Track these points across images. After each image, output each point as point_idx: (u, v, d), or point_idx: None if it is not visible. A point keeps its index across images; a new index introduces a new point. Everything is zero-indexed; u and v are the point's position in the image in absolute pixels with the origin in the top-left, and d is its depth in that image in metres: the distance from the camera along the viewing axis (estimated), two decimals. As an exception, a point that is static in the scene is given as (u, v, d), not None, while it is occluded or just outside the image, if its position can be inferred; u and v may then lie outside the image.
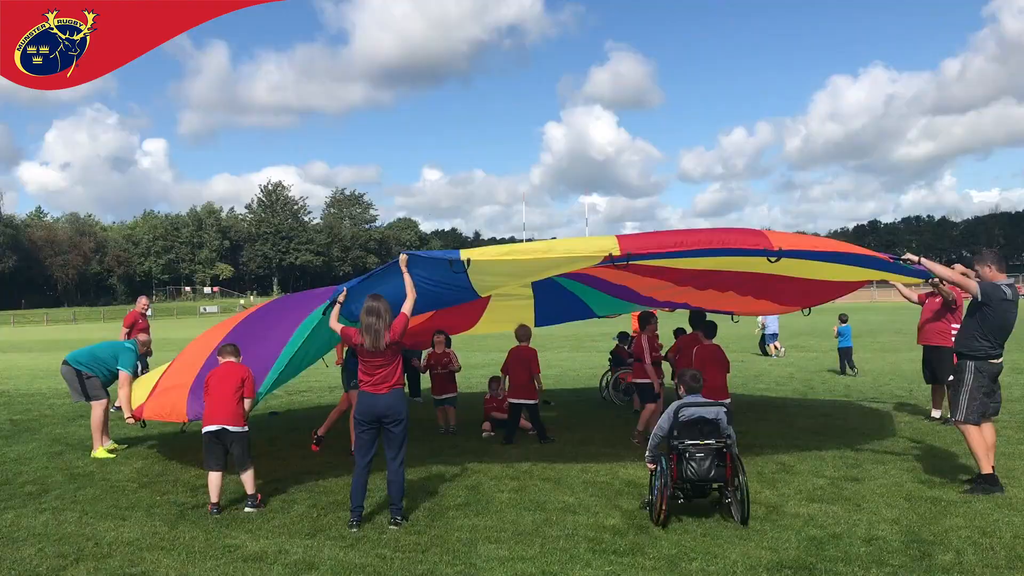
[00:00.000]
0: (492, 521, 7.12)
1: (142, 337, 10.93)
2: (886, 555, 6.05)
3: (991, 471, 7.64)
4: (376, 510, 7.49)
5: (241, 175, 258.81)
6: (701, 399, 7.36)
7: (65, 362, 10.50)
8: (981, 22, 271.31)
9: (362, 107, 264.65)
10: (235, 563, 6.17)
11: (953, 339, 10.22)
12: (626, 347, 14.15)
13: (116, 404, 10.57)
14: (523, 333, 11.22)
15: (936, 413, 11.38)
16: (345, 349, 10.26)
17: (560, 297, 12.26)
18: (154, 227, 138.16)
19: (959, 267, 8.08)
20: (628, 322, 16.96)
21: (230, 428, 7.62)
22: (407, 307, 7.25)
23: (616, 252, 7.35)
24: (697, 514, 7.17)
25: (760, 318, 21.32)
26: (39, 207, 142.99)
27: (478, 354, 23.83)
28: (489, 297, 11.17)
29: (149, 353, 11.31)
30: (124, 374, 10.18)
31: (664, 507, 6.80)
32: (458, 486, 8.37)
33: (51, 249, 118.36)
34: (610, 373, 14.54)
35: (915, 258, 7.98)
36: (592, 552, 6.26)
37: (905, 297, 11.97)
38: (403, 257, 7.55)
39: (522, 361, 10.86)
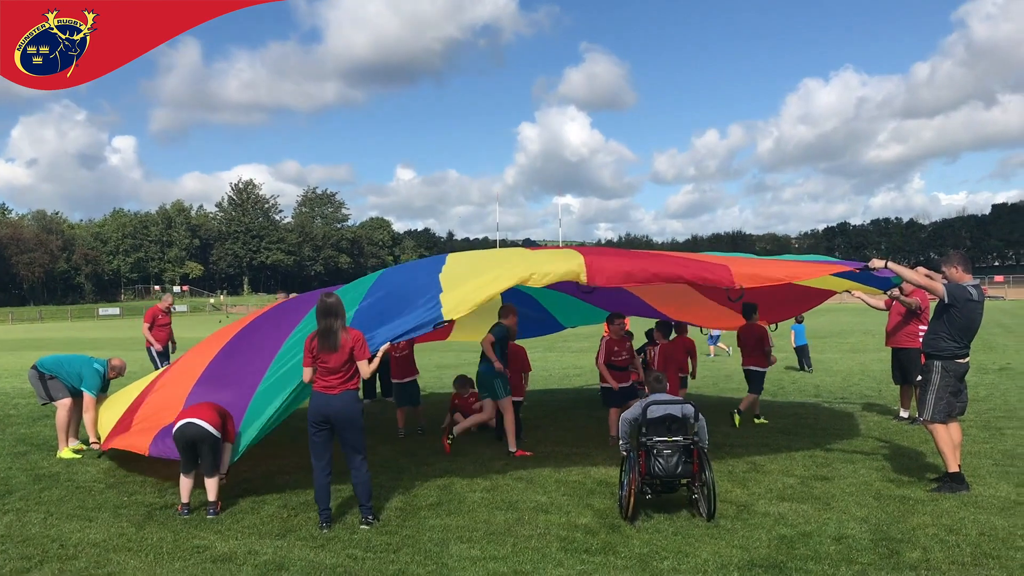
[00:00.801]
0: (464, 521, 7.10)
1: (115, 361, 10.65)
2: (855, 553, 6.10)
3: (958, 470, 7.73)
4: (346, 510, 7.45)
5: (212, 173, 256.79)
6: (669, 397, 7.50)
7: (33, 366, 10.35)
8: (951, 26, 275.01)
9: (335, 106, 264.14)
10: (204, 564, 6.10)
11: (921, 340, 10.48)
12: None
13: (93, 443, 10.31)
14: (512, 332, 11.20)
15: (904, 413, 11.50)
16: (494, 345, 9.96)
17: (530, 310, 12.31)
18: (123, 225, 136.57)
19: (922, 270, 8.16)
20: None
21: (205, 427, 7.45)
22: (371, 366, 7.11)
23: (583, 280, 7.67)
24: (669, 513, 7.20)
25: None
26: (3, 204, 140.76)
27: (449, 355, 23.78)
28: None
29: (121, 375, 10.92)
30: (88, 397, 10.07)
31: (632, 501, 6.91)
32: (430, 486, 8.34)
33: (16, 247, 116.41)
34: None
35: (881, 262, 8.02)
36: (564, 551, 6.25)
37: (871, 305, 12.12)
38: (386, 346, 7.44)
39: (512, 359, 10.72)
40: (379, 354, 7.33)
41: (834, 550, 6.17)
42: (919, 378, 8.25)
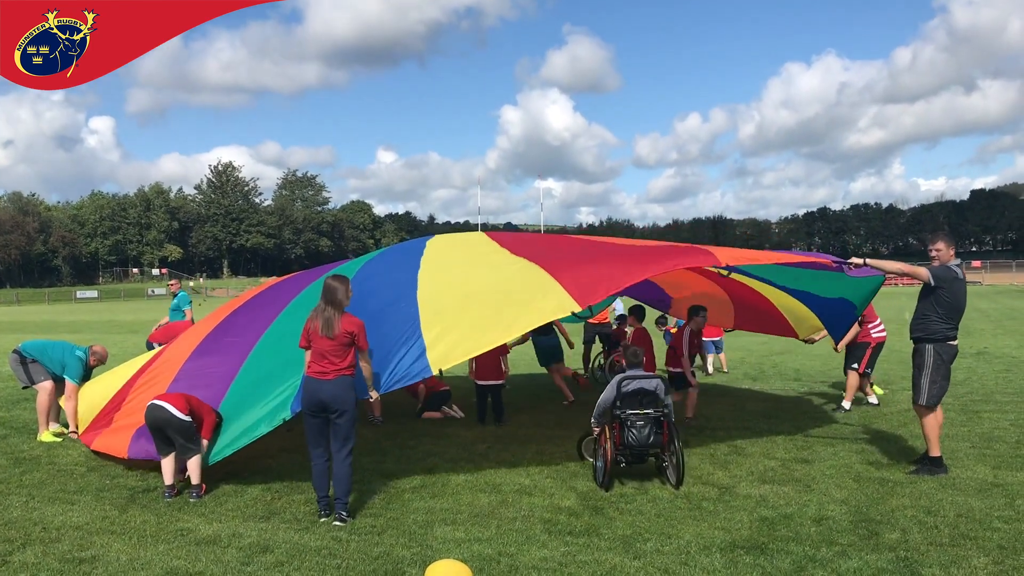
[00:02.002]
0: (448, 503, 7.12)
1: (96, 348, 10.53)
2: (835, 534, 6.18)
3: (939, 455, 7.82)
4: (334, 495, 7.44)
5: (191, 155, 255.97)
6: (641, 372, 7.91)
7: (15, 350, 10.25)
8: (932, 12, 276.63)
9: (316, 87, 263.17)
10: (188, 547, 6.09)
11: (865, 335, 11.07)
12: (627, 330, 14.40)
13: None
14: None
15: (847, 404, 11.35)
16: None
17: None
18: (100, 207, 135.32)
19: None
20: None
21: (169, 410, 7.41)
22: (365, 365, 6.95)
23: (577, 309, 7.53)
24: (651, 495, 7.26)
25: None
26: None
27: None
28: None
29: (102, 362, 10.82)
30: (70, 385, 9.97)
31: (608, 470, 7.39)
32: (414, 469, 8.36)
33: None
34: (603, 354, 14.88)
35: (859, 261, 8.03)
36: (548, 533, 6.29)
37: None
38: (374, 395, 7.17)
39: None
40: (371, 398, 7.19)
41: (815, 531, 6.25)
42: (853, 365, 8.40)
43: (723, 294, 11.63)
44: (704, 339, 13.99)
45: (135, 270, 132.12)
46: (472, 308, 7.88)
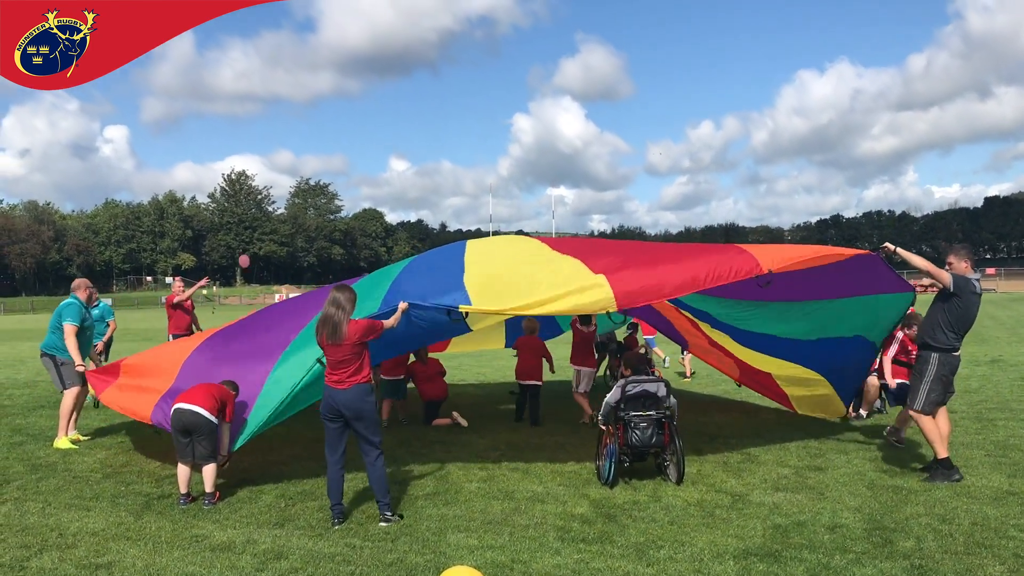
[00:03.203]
0: (461, 510, 7.14)
1: (75, 283, 10.60)
2: (849, 542, 6.16)
3: (947, 455, 7.81)
4: (347, 501, 7.47)
5: (204, 164, 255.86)
6: (645, 376, 8.36)
7: (40, 352, 10.34)
8: (947, 18, 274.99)
9: (329, 96, 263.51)
10: (203, 553, 6.13)
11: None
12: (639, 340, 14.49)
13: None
14: (530, 327, 12.06)
15: (863, 412, 11.26)
16: None
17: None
18: (115, 216, 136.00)
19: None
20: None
21: (200, 413, 7.44)
22: (386, 323, 7.17)
23: (613, 308, 7.73)
24: (664, 503, 7.26)
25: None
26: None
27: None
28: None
29: (92, 299, 10.78)
30: (67, 326, 10.04)
31: (613, 470, 7.77)
32: (426, 476, 8.38)
33: (8, 237, 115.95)
34: (615, 362, 14.89)
35: (892, 247, 8.14)
36: (561, 540, 6.30)
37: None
38: (403, 305, 7.49)
39: (533, 348, 11.77)
40: (397, 314, 7.39)
41: (828, 539, 6.23)
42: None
43: (730, 359, 11.73)
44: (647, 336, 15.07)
45: (148, 278, 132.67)
46: (512, 284, 8.13)
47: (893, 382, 10.17)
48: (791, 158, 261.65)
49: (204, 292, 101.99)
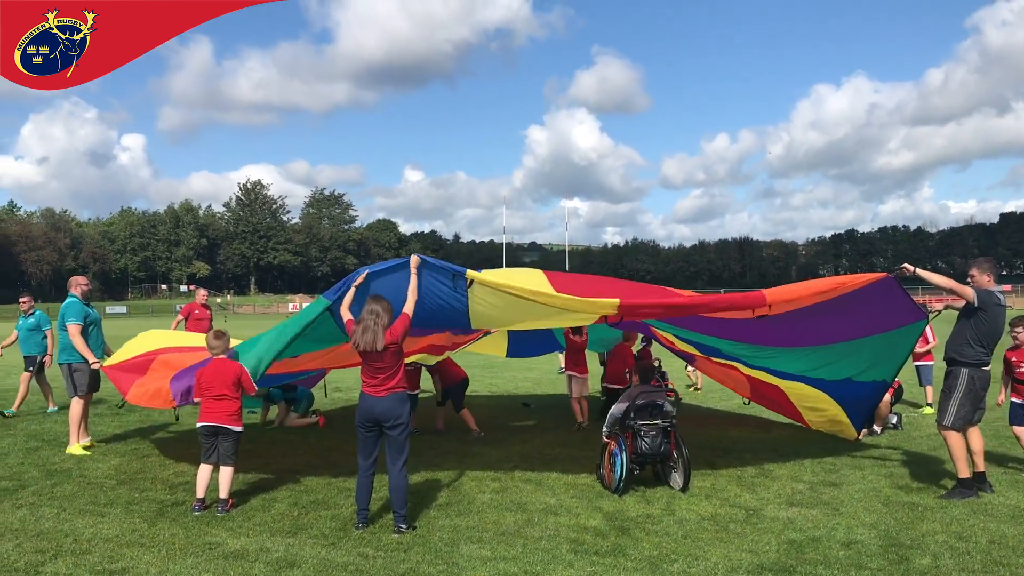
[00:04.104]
0: (474, 521, 7.13)
1: (70, 280, 10.59)
2: (864, 558, 6.11)
3: (968, 475, 7.74)
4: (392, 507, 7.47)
5: (220, 173, 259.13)
6: (653, 387, 8.68)
7: (58, 363, 10.41)
8: (965, 33, 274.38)
9: (346, 106, 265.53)
10: (216, 560, 6.14)
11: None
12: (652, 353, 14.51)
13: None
14: (627, 335, 12.58)
15: (877, 428, 11.14)
16: None
17: (534, 331, 12.27)
18: (131, 224, 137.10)
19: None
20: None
21: (226, 427, 7.59)
22: (408, 308, 7.15)
23: (614, 311, 7.81)
24: (678, 516, 7.22)
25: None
26: (11, 201, 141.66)
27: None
28: (473, 333, 11.16)
29: (86, 294, 10.57)
30: (71, 327, 10.08)
31: (624, 478, 7.94)
32: (439, 487, 8.37)
33: (25, 244, 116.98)
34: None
35: (911, 268, 8.06)
36: (574, 553, 6.28)
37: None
38: (415, 259, 7.47)
39: (621, 356, 12.34)
40: (412, 281, 7.34)
41: (843, 555, 6.19)
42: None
43: (742, 376, 11.70)
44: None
45: (163, 286, 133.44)
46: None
47: None
48: (806, 172, 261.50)
49: (218, 301, 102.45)
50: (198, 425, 7.72)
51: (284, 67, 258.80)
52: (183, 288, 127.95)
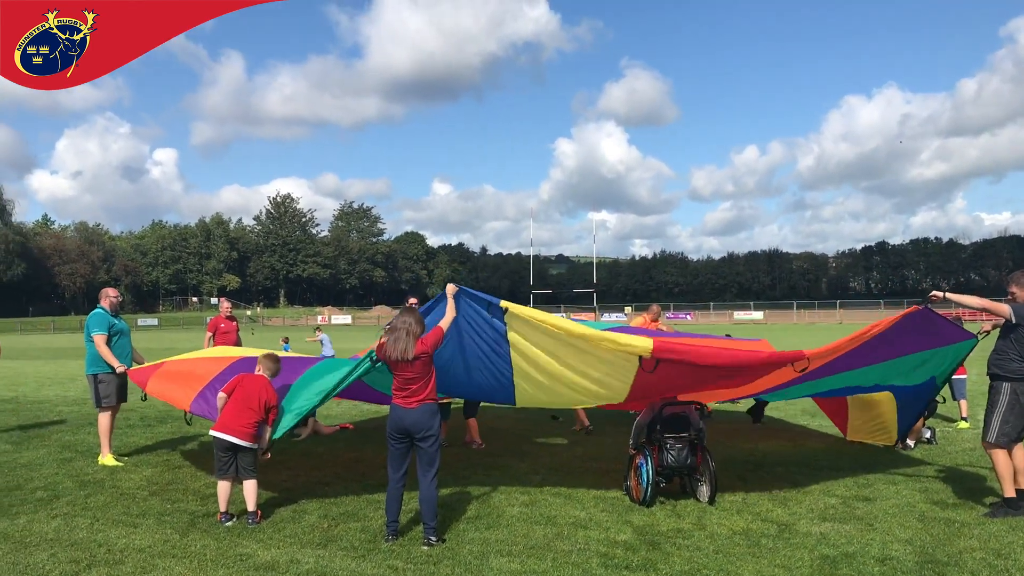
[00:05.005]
0: (503, 535, 7.11)
1: (101, 292, 10.73)
2: (900, 574, 6.02)
3: (1014, 495, 7.60)
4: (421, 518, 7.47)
5: (251, 186, 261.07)
6: (677, 400, 8.68)
7: (85, 374, 10.54)
8: (999, 42, 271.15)
9: (375, 120, 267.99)
10: (247, 572, 6.17)
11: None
12: None
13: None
14: None
15: (911, 442, 11.02)
16: None
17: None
18: (162, 237, 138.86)
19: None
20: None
21: (239, 443, 7.53)
22: (444, 323, 7.21)
23: (648, 354, 7.52)
24: (709, 531, 7.16)
25: None
26: (45, 215, 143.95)
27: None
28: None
29: (115, 306, 10.68)
30: (96, 337, 10.18)
31: (650, 490, 8.00)
32: (468, 499, 8.36)
33: (59, 257, 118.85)
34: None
35: (940, 294, 7.95)
36: (604, 567, 6.24)
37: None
38: (451, 287, 7.58)
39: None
40: (450, 304, 7.42)
41: (878, 571, 6.10)
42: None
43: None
44: None
45: (194, 299, 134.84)
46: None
47: None
48: (837, 184, 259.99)
49: (248, 314, 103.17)
50: (213, 434, 7.63)
51: (314, 82, 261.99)
52: (213, 300, 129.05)
